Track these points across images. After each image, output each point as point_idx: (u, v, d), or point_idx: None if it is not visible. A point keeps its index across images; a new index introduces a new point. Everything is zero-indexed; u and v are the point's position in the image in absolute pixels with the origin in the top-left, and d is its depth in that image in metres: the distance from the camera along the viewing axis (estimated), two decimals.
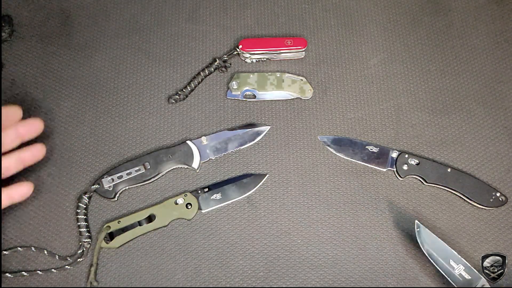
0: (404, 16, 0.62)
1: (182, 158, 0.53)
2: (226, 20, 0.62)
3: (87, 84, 0.58)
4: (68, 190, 0.53)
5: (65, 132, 0.55)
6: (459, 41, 0.61)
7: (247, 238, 0.51)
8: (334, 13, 0.62)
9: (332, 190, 0.53)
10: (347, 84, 0.58)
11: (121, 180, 0.51)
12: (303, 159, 0.55)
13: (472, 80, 0.59)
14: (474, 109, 0.57)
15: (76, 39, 0.60)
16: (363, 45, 0.61)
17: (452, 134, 0.56)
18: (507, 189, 0.53)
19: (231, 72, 0.59)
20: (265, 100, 0.57)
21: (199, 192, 0.52)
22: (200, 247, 0.51)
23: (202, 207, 0.52)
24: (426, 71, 0.59)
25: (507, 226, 0.52)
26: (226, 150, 0.54)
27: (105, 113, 0.57)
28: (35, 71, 0.58)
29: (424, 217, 0.52)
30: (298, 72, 0.59)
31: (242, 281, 0.50)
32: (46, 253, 0.50)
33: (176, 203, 0.51)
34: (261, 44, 0.58)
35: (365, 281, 0.50)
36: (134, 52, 0.60)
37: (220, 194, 0.52)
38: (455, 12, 0.63)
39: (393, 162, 0.54)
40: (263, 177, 0.53)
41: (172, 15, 0.62)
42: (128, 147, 0.55)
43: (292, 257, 0.51)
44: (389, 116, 0.57)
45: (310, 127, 0.56)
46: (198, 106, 0.57)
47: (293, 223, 0.52)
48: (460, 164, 0.55)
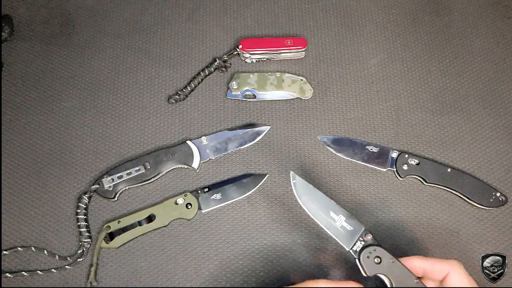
0: (404, 16, 0.62)
1: (182, 158, 0.53)
2: (226, 20, 0.62)
3: (87, 84, 0.58)
4: (68, 190, 0.53)
5: (65, 132, 0.55)
6: (459, 41, 0.61)
7: (247, 238, 0.51)
8: (334, 13, 0.62)
9: (332, 190, 0.53)
10: (347, 84, 0.58)
11: (121, 180, 0.51)
12: (303, 159, 0.55)
13: (472, 80, 0.59)
14: (474, 109, 0.57)
15: (76, 39, 0.60)
16: (363, 45, 0.61)
17: (452, 134, 0.56)
18: (507, 189, 0.53)
19: (231, 72, 0.59)
20: (265, 100, 0.57)
21: (199, 192, 0.52)
22: (200, 247, 0.51)
23: (202, 207, 0.52)
24: (426, 71, 0.59)
25: (507, 226, 0.52)
26: (226, 150, 0.54)
27: (105, 113, 0.57)
28: (35, 71, 0.58)
29: (424, 217, 0.52)
30: (298, 72, 0.59)
31: (242, 281, 0.50)
32: (46, 253, 0.50)
33: (176, 203, 0.51)
34: (261, 44, 0.58)
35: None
36: (134, 52, 0.60)
37: (220, 194, 0.52)
38: (455, 12, 0.63)
39: (393, 162, 0.54)
40: (263, 177, 0.53)
41: (172, 15, 0.62)
42: (128, 147, 0.55)
43: (292, 257, 0.51)
44: (389, 116, 0.57)
45: (310, 127, 0.56)
46: (198, 106, 0.57)
47: (293, 223, 0.52)
48: (460, 164, 0.55)
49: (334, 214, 0.43)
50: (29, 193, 0.52)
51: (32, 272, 0.49)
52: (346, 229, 0.42)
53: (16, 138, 0.55)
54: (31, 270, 0.49)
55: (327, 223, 0.43)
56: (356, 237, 0.42)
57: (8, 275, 0.49)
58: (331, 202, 0.43)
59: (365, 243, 0.42)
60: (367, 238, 0.42)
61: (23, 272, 0.49)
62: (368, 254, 0.41)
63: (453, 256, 0.50)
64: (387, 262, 0.40)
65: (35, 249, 0.50)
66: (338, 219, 0.43)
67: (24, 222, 0.51)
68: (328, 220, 0.43)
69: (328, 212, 0.43)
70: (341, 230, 0.42)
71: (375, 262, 0.40)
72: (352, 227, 0.42)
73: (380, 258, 0.40)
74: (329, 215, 0.43)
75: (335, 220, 0.43)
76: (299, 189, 0.44)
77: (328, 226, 0.43)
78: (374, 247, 0.41)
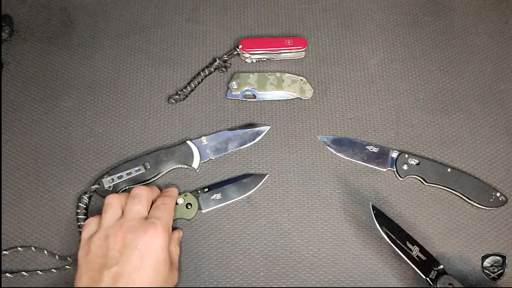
0: (404, 16, 0.62)
1: (182, 158, 0.53)
2: (226, 20, 0.62)
3: (87, 84, 0.58)
4: (68, 190, 0.53)
5: (65, 132, 0.55)
6: (459, 41, 0.61)
7: (247, 238, 0.51)
8: (334, 13, 0.62)
9: (332, 190, 0.53)
10: (347, 84, 0.58)
11: (121, 180, 0.51)
12: (303, 159, 0.55)
13: (472, 80, 0.59)
14: (474, 109, 0.57)
15: (76, 39, 0.60)
16: (363, 45, 0.61)
17: (452, 134, 0.56)
18: (507, 189, 0.53)
19: (231, 72, 0.59)
20: (265, 100, 0.57)
21: (199, 192, 0.52)
22: (200, 247, 0.51)
23: (202, 207, 0.52)
24: (426, 71, 0.59)
25: (507, 226, 0.52)
26: (226, 150, 0.54)
27: (105, 113, 0.57)
28: (35, 71, 0.58)
29: (424, 217, 0.52)
30: (298, 72, 0.59)
31: (242, 281, 0.50)
32: (46, 253, 0.50)
33: (176, 203, 0.51)
34: (261, 44, 0.58)
35: (365, 281, 0.50)
36: (134, 52, 0.60)
37: (220, 194, 0.52)
38: (455, 12, 0.63)
39: (393, 162, 0.54)
40: (263, 177, 0.53)
41: (172, 15, 0.62)
42: (128, 147, 0.55)
43: (292, 257, 0.51)
44: (389, 116, 0.57)
45: (310, 127, 0.56)
46: (198, 106, 0.57)
47: (293, 223, 0.52)
48: (460, 164, 0.55)
49: (410, 244, 0.47)
50: (29, 193, 0.53)
51: (32, 272, 0.49)
52: (421, 259, 0.46)
53: (16, 138, 0.55)
54: (31, 270, 0.49)
55: (405, 253, 0.47)
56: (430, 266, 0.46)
57: (8, 275, 0.49)
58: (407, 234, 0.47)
59: (438, 272, 0.46)
60: (438, 267, 0.46)
61: (23, 272, 0.49)
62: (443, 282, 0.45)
63: (453, 256, 0.50)
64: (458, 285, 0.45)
65: (35, 249, 0.50)
66: (414, 249, 0.47)
67: (24, 222, 0.51)
68: (406, 250, 0.47)
69: (405, 242, 0.47)
70: (417, 259, 0.46)
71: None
72: (425, 257, 0.46)
73: (452, 284, 0.45)
74: (406, 244, 0.47)
75: (412, 250, 0.47)
76: (379, 220, 0.48)
77: (406, 255, 0.46)
78: (446, 275, 0.45)
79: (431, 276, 0.46)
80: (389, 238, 0.47)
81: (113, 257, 0.42)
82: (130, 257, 0.41)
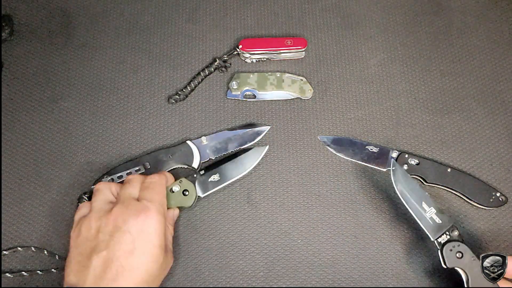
0: (404, 16, 0.62)
1: (182, 158, 0.53)
2: (226, 20, 0.62)
3: (87, 84, 0.58)
4: (68, 190, 0.53)
5: (65, 132, 0.55)
6: (459, 41, 0.61)
7: (247, 238, 0.51)
8: (334, 13, 0.62)
9: (332, 190, 0.53)
10: (347, 84, 0.58)
11: (121, 180, 0.51)
12: (303, 159, 0.55)
13: (472, 80, 0.59)
14: (474, 109, 0.57)
15: (76, 39, 0.60)
16: (363, 45, 0.61)
17: (452, 134, 0.56)
18: (507, 189, 0.53)
19: (231, 72, 0.59)
20: (265, 100, 0.57)
21: (195, 176, 0.50)
22: (200, 247, 0.51)
23: (200, 191, 0.50)
24: (426, 71, 0.59)
25: (507, 226, 0.52)
26: (226, 150, 0.54)
27: (105, 113, 0.57)
28: (35, 71, 0.58)
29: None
30: (298, 72, 0.59)
31: (242, 281, 0.50)
32: (46, 253, 0.50)
33: (172, 191, 0.49)
34: (261, 44, 0.58)
35: (365, 281, 0.50)
36: (134, 52, 0.60)
37: (218, 175, 0.50)
38: (455, 12, 0.63)
39: None
40: (263, 150, 0.53)
41: (172, 15, 0.62)
42: (128, 147, 0.55)
43: (292, 257, 0.51)
44: (389, 116, 0.57)
45: (310, 127, 0.56)
46: (198, 106, 0.57)
47: (293, 223, 0.52)
48: (460, 164, 0.55)
49: (426, 205, 0.46)
50: (29, 193, 0.53)
51: (32, 272, 0.49)
52: (435, 221, 0.46)
53: (16, 138, 0.55)
54: (31, 270, 0.49)
55: (418, 212, 0.46)
56: (443, 231, 0.45)
57: (8, 275, 0.49)
58: (425, 194, 0.47)
59: (451, 237, 0.45)
60: (453, 233, 0.45)
61: (23, 272, 0.49)
62: (452, 247, 0.44)
63: None
64: (468, 259, 0.44)
65: (35, 249, 0.50)
66: (429, 211, 0.46)
67: (24, 222, 0.51)
68: (419, 210, 0.46)
69: (420, 202, 0.46)
70: (430, 221, 0.46)
71: (457, 257, 0.44)
72: (441, 220, 0.46)
73: (462, 253, 0.44)
74: (421, 205, 0.46)
75: (425, 211, 0.46)
76: (396, 176, 0.47)
77: (418, 215, 0.46)
78: (459, 243, 0.45)
79: (440, 240, 0.45)
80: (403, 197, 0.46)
81: (103, 240, 0.40)
82: (121, 240, 0.40)
